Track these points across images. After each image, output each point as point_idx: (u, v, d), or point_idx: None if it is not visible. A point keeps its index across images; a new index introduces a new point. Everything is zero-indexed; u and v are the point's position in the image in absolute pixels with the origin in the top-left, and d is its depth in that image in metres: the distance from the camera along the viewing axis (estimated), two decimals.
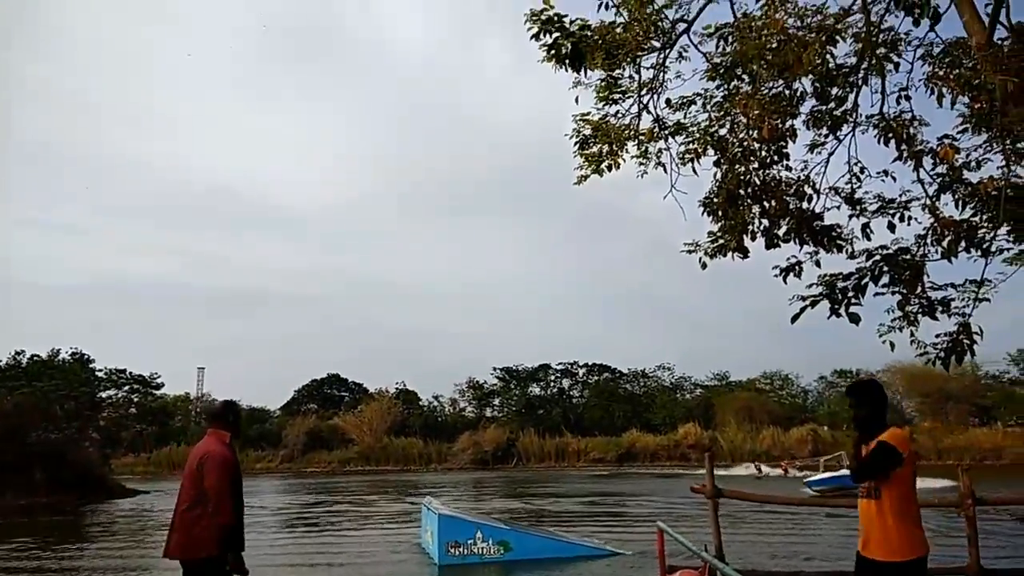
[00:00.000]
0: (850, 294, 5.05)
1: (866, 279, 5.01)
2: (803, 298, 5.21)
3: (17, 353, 48.58)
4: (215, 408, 5.51)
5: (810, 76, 5.54)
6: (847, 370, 66.91)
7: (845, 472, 28.31)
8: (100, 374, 58.46)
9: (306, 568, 11.21)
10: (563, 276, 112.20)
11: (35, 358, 48.75)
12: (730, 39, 6.12)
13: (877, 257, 5.26)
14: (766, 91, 5.66)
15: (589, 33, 5.38)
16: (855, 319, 5.06)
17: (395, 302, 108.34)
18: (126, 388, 66.58)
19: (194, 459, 5.17)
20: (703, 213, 5.90)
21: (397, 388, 72.42)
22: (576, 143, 6.05)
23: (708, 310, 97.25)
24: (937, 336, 5.25)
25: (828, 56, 5.32)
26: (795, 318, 5.16)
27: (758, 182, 5.74)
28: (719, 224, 5.86)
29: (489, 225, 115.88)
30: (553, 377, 75.66)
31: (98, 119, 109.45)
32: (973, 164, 5.32)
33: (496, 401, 75.53)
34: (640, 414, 68.88)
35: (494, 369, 74.71)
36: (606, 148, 5.81)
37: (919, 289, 5.20)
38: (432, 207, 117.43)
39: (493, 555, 14.12)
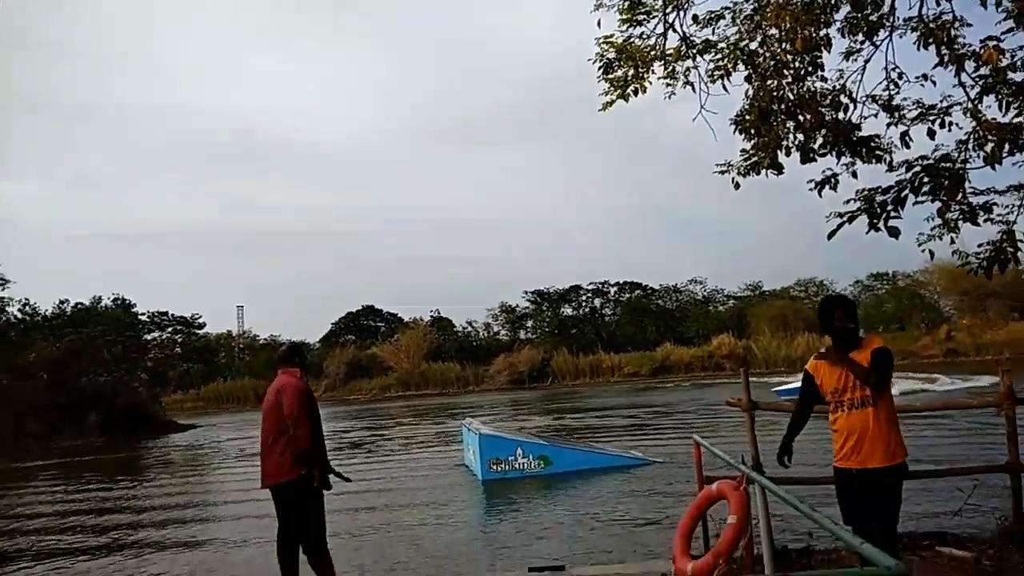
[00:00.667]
0: (889, 207, 4.92)
1: (905, 191, 4.87)
2: (840, 214, 5.11)
3: (61, 302, 50.15)
4: (283, 352, 6.12)
5: None
6: (883, 272, 66.19)
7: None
8: (143, 318, 60.27)
9: (356, 491, 11.75)
10: (592, 197, 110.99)
11: (79, 306, 50.29)
12: None
13: (917, 168, 5.09)
14: (798, 0, 5.41)
15: None
16: (895, 233, 4.96)
17: (424, 233, 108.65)
18: (169, 330, 68.59)
19: (272, 394, 5.61)
20: (735, 131, 5.75)
21: (432, 316, 73.53)
22: (600, 67, 5.88)
23: (739, 222, 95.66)
24: (980, 245, 5.16)
25: None
26: (831, 235, 5.09)
27: (792, 96, 5.54)
28: (752, 142, 5.72)
29: (517, 151, 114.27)
30: (584, 297, 76.03)
31: (116, 69, 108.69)
32: (1020, 64, 5.06)
33: (529, 324, 76.40)
34: (673, 328, 69.21)
35: (525, 292, 75.33)
36: (631, 72, 5.64)
37: (960, 196, 5.06)
38: (458, 137, 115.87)
39: (534, 469, 14.64)
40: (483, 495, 13.53)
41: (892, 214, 4.97)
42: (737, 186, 5.84)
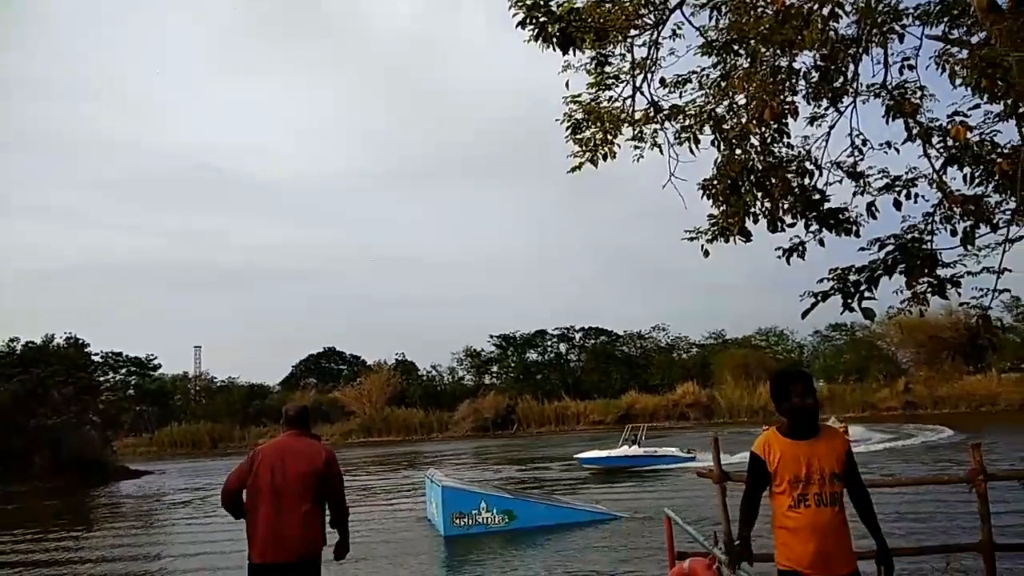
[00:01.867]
0: (863, 287, 4.85)
1: (879, 271, 4.81)
2: (813, 294, 5.02)
3: (11, 340, 48.15)
4: (297, 413, 5.50)
5: (811, 52, 5.28)
6: (842, 323, 67.28)
7: (632, 452, 26.11)
8: (96, 358, 58.18)
9: None
10: (556, 241, 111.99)
11: (30, 345, 48.30)
12: (724, 9, 5.85)
13: (890, 247, 5.05)
14: (765, 68, 5.42)
15: (578, 15, 5.10)
16: (869, 315, 4.87)
17: (389, 274, 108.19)
18: (123, 371, 66.64)
19: (302, 461, 5.11)
20: (703, 197, 5.69)
21: (396, 359, 72.67)
22: (567, 128, 5.81)
23: (702, 270, 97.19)
24: (954, 331, 5.09)
25: (831, 32, 5.06)
26: (805, 314, 4.98)
27: (759, 165, 5.52)
28: (720, 209, 5.66)
29: (479, 194, 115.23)
30: (550, 342, 75.95)
31: (77, 101, 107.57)
32: (987, 142, 5.09)
33: (494, 368, 75.95)
34: (638, 375, 69.29)
35: (491, 337, 75.03)
36: (600, 135, 5.57)
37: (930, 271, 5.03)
38: (422, 177, 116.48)
39: (498, 524, 14.26)
40: (445, 554, 13.08)
41: (866, 294, 4.88)
42: (706, 253, 5.77)
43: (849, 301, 4.92)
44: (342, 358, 77.74)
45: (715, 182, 5.65)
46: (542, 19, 5.13)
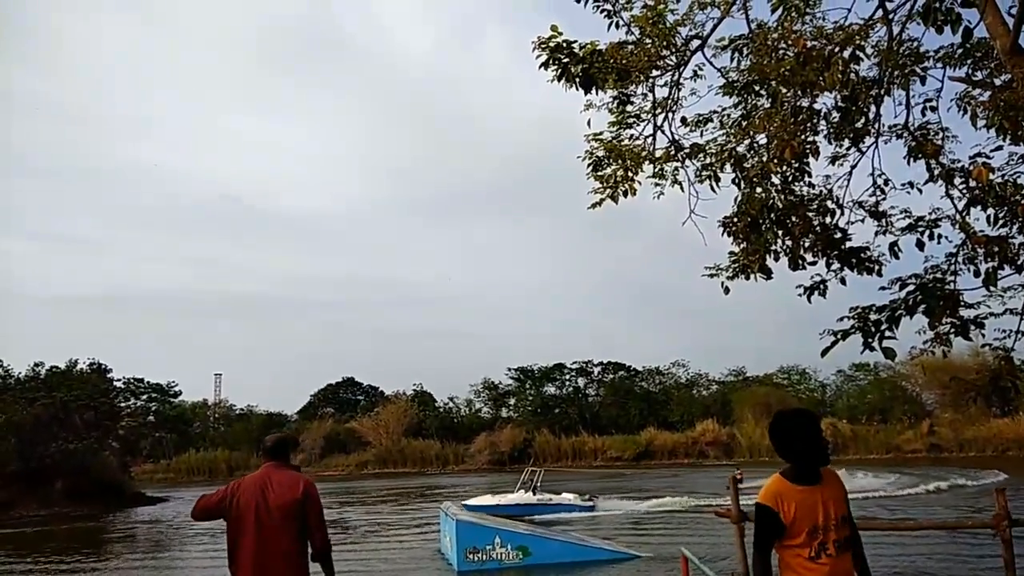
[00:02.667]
0: (884, 327, 4.81)
1: (900, 311, 4.78)
2: (833, 332, 5.00)
3: (36, 365, 48.86)
4: (274, 443, 5.46)
5: (832, 93, 5.34)
6: (865, 363, 66.27)
7: (523, 500, 23.89)
8: (118, 384, 58.77)
9: None
10: (575, 275, 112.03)
11: (54, 369, 48.97)
12: (745, 51, 5.94)
13: (912, 287, 5.03)
14: (786, 108, 5.47)
15: (600, 57, 5.20)
16: (890, 355, 4.83)
17: (408, 306, 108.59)
18: (144, 397, 67.09)
19: (283, 493, 5.01)
20: (723, 234, 5.72)
21: (414, 390, 72.53)
22: (589, 165, 5.89)
23: (723, 306, 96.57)
24: (977, 372, 5.03)
25: (852, 74, 5.12)
26: (825, 352, 4.94)
27: (780, 204, 5.55)
28: (741, 246, 5.68)
29: (500, 226, 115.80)
30: (568, 376, 75.43)
31: (104, 131, 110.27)
32: (1010, 183, 5.09)
33: (512, 401, 75.46)
34: (657, 412, 68.54)
35: (509, 369, 74.71)
36: (620, 172, 5.64)
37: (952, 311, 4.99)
38: (442, 210, 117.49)
39: (512, 560, 14.07)
40: None
41: (887, 333, 4.84)
42: (727, 291, 5.77)
43: (870, 340, 4.89)
44: (360, 388, 77.75)
45: (736, 220, 5.69)
46: (564, 60, 5.24)
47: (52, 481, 33.85)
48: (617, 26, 5.39)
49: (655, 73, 5.56)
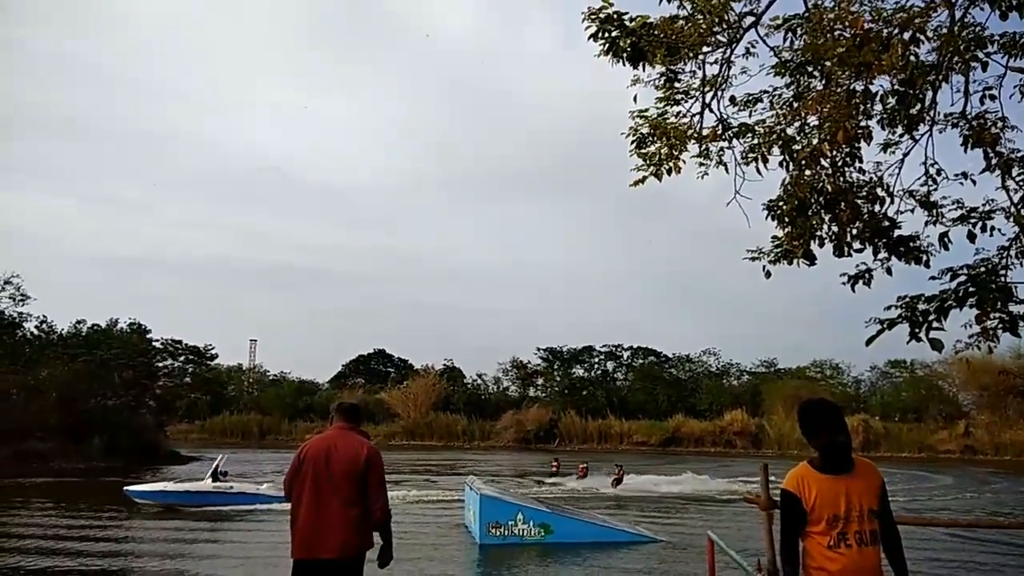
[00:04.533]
0: (931, 317, 4.68)
1: (950, 302, 4.64)
2: (880, 320, 4.89)
3: (78, 322, 50.20)
4: (349, 407, 5.60)
5: (889, 76, 5.17)
6: (901, 360, 65.05)
7: (196, 488, 20.90)
8: (157, 344, 60.15)
9: None
10: (609, 258, 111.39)
11: (95, 327, 50.29)
12: (799, 31, 5.79)
13: (963, 278, 4.89)
14: (840, 90, 5.33)
15: (650, 30, 5.11)
16: (937, 346, 4.70)
17: (441, 281, 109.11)
18: (181, 358, 68.59)
19: (347, 456, 5.04)
20: (767, 218, 5.62)
21: (444, 365, 73.10)
22: (632, 142, 5.80)
23: (756, 295, 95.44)
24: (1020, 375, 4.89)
25: (911, 57, 4.95)
26: (870, 341, 4.83)
27: (829, 188, 5.42)
28: (785, 230, 5.57)
29: (534, 206, 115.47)
30: (597, 359, 75.37)
31: (153, 98, 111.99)
32: None
33: (539, 381, 75.71)
34: (685, 399, 68.19)
35: (538, 349, 74.87)
36: (665, 150, 5.56)
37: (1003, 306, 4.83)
38: (478, 188, 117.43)
39: (534, 537, 14.21)
40: (478, 560, 13.11)
41: (935, 324, 4.72)
42: (768, 275, 5.68)
43: (917, 331, 4.76)
44: (390, 360, 78.60)
45: (782, 203, 5.58)
46: (614, 33, 5.16)
47: (90, 436, 34.86)
48: (669, 0, 5.28)
49: (706, 49, 5.45)
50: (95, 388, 38.95)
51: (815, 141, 5.48)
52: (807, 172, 5.54)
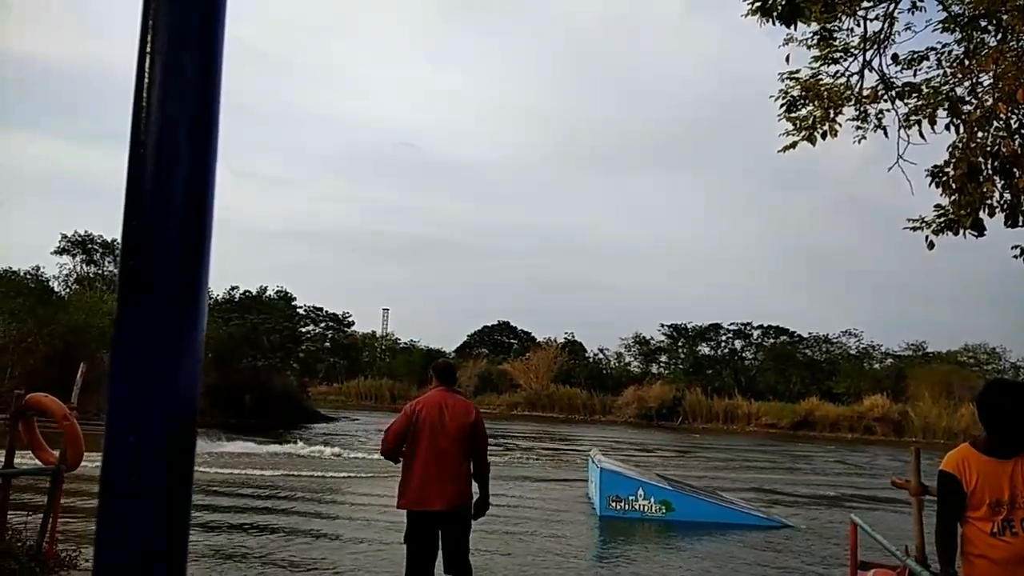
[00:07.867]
0: None
1: None
2: None
3: (232, 288, 54.57)
4: (445, 367, 6.29)
5: None
6: None
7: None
8: (301, 311, 64.28)
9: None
10: (738, 232, 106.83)
11: (247, 294, 54.35)
12: None
13: None
14: (1018, 45, 4.85)
15: None
16: None
17: (565, 255, 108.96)
18: (322, 324, 72.81)
19: (458, 415, 5.60)
20: (931, 184, 5.23)
21: (565, 338, 73.46)
22: (782, 106, 5.55)
23: (904, 273, 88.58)
24: None
25: None
26: None
27: (1004, 151, 4.97)
28: (952, 198, 5.16)
29: (660, 179, 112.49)
30: (724, 337, 73.05)
31: (294, 78, 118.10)
32: None
33: (663, 358, 74.48)
34: (820, 381, 64.93)
35: (662, 325, 73.46)
36: (819, 112, 5.28)
37: None
38: (602, 160, 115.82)
39: (654, 513, 14.11)
40: (598, 530, 13.26)
41: None
42: (931, 245, 5.31)
43: None
44: (514, 332, 79.85)
45: (948, 168, 5.18)
46: None
47: (242, 394, 37.86)
48: None
49: (867, 4, 5.12)
50: (246, 350, 42.15)
51: (989, 101, 5.04)
52: (979, 134, 5.11)
